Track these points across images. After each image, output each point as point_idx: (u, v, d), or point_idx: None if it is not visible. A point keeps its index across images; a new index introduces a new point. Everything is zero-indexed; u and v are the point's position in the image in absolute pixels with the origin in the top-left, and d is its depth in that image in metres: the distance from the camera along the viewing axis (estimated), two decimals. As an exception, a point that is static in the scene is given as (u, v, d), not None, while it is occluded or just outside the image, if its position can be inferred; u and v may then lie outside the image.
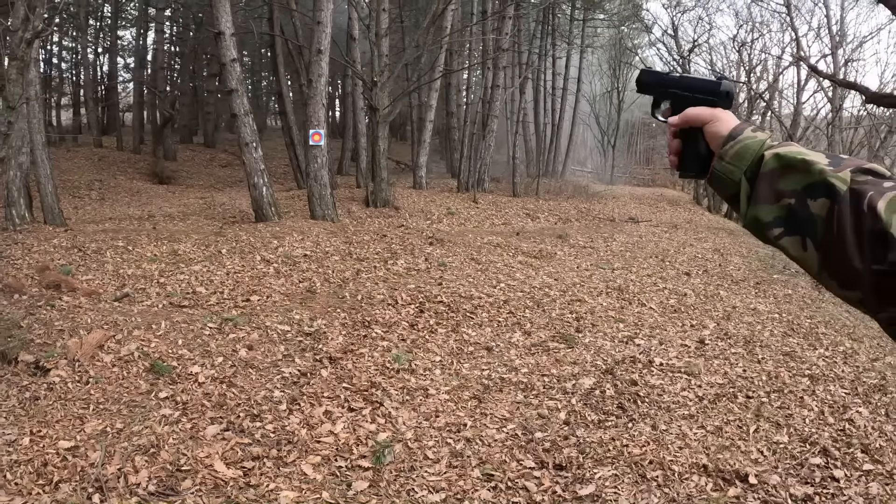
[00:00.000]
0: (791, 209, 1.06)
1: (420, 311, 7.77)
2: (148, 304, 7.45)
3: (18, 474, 4.01)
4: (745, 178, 1.15)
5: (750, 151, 1.16)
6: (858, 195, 0.96)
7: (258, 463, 4.35)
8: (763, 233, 1.11)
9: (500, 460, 4.54)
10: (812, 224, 1.03)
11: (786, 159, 1.10)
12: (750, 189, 1.15)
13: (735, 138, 1.19)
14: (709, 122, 1.24)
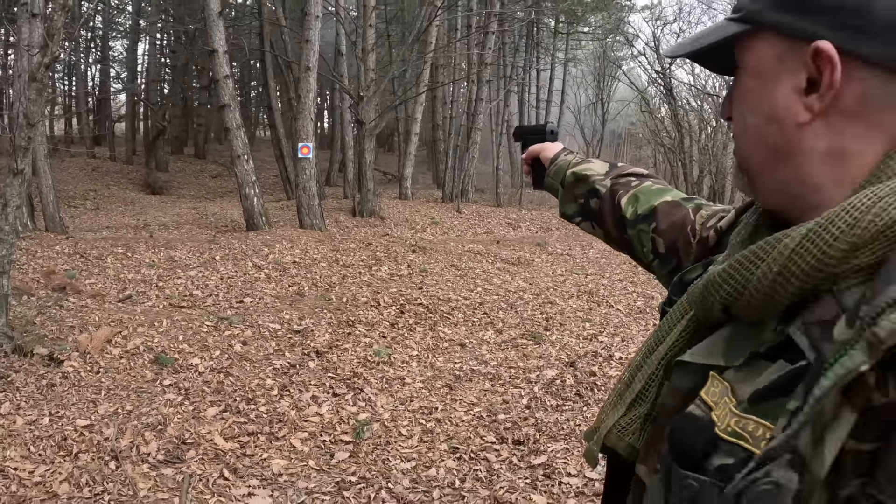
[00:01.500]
0: (582, 206, 1.65)
1: (400, 312, 8.37)
2: (149, 304, 8.03)
3: (41, 447, 4.60)
4: (561, 186, 1.71)
5: (562, 169, 1.70)
6: (613, 194, 1.56)
7: (253, 438, 4.98)
8: (571, 220, 1.72)
9: (466, 436, 5.16)
10: (593, 213, 1.62)
11: (577, 175, 1.65)
12: (564, 192, 1.70)
13: (554, 161, 1.74)
14: (541, 152, 1.82)
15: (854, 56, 0.79)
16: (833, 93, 0.80)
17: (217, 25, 13.07)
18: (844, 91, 0.80)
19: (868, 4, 0.78)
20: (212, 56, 13.34)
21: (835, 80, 0.79)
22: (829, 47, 0.79)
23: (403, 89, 22.53)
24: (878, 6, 0.77)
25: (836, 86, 0.79)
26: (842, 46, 0.78)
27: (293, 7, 27.59)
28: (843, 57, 0.79)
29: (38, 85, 5.88)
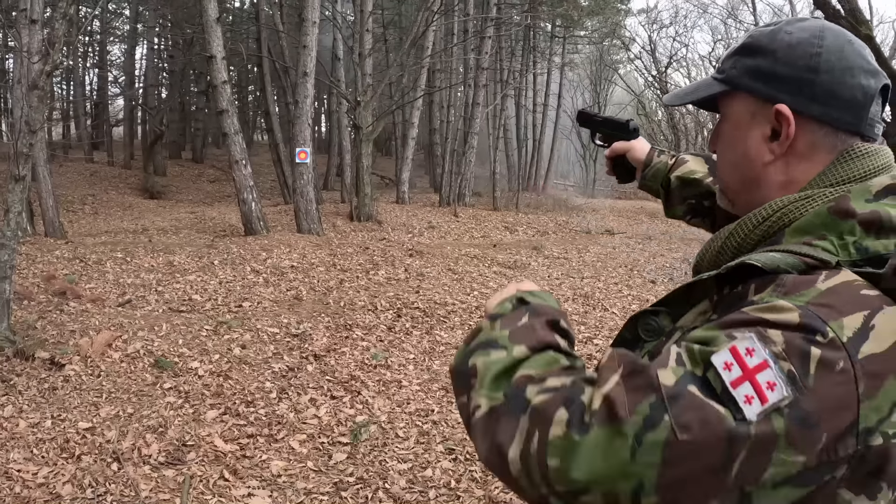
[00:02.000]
0: (693, 206, 1.80)
1: (398, 315, 8.46)
2: (149, 309, 8.11)
3: (44, 449, 4.68)
4: (661, 188, 1.88)
5: (660, 173, 1.87)
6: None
7: (252, 440, 5.07)
8: (679, 219, 1.88)
9: (462, 438, 5.24)
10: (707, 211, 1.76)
11: (683, 179, 1.82)
12: (666, 196, 1.88)
13: (650, 165, 1.90)
14: (628, 151, 1.96)
15: (805, 115, 1.13)
16: (789, 141, 1.14)
17: (215, 31, 13.16)
18: (798, 140, 1.14)
19: (815, 78, 1.12)
20: (210, 62, 13.43)
21: (790, 133, 1.13)
22: (786, 109, 1.13)
23: (401, 94, 22.63)
24: (821, 80, 1.12)
25: (790, 137, 1.14)
26: (796, 108, 1.13)
27: (291, 12, 27.64)
28: (796, 116, 1.13)
29: (39, 92, 5.97)
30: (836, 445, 0.91)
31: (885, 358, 0.93)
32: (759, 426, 0.88)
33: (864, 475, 0.96)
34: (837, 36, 1.15)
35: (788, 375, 0.89)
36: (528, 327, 1.13)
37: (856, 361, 0.91)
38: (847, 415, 0.90)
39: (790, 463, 0.90)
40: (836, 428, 0.90)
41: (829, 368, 0.90)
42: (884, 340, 0.93)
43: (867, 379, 0.91)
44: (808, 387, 0.89)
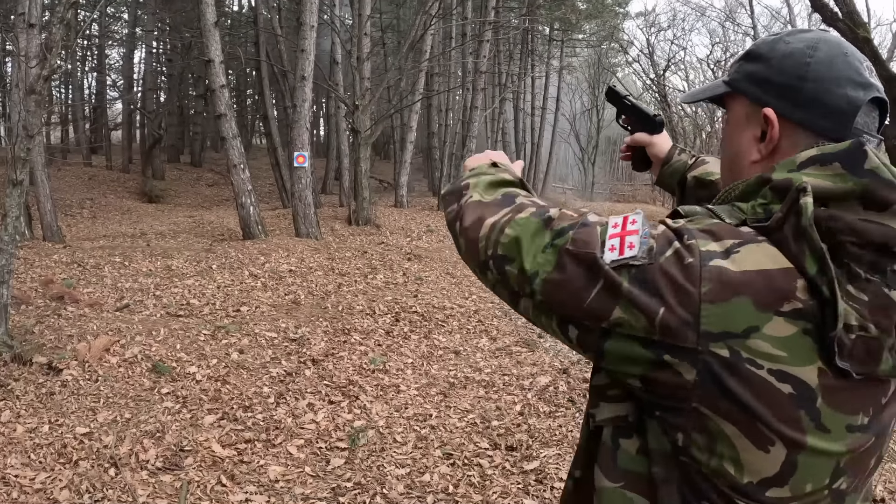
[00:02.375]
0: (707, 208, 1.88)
1: (396, 320, 8.46)
2: (147, 313, 8.11)
3: (42, 455, 4.68)
4: (677, 187, 1.99)
5: (678, 171, 1.98)
6: None
7: (250, 445, 5.06)
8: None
9: (459, 443, 5.25)
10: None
11: (700, 180, 1.92)
12: (681, 195, 1.98)
13: (668, 163, 2.01)
14: (649, 145, 2.06)
15: (790, 119, 1.23)
16: (773, 143, 1.24)
17: (213, 35, 13.16)
18: (782, 142, 1.24)
19: (802, 86, 1.21)
20: (208, 66, 13.43)
21: (774, 135, 1.24)
22: (772, 113, 1.23)
23: (399, 98, 22.62)
24: (808, 88, 1.21)
25: (775, 139, 1.24)
26: (781, 112, 1.23)
27: (289, 16, 27.65)
28: (782, 119, 1.23)
29: (36, 97, 5.97)
30: (674, 327, 1.08)
31: (740, 278, 1.07)
32: (611, 271, 1.11)
33: (714, 393, 1.09)
34: (832, 47, 1.23)
35: (648, 248, 1.11)
36: (509, 170, 1.56)
37: (703, 265, 1.08)
38: (686, 304, 1.07)
39: (633, 316, 1.10)
40: (673, 310, 1.08)
41: (679, 259, 1.10)
42: (741, 263, 1.08)
43: (712, 283, 1.07)
44: (657, 262, 1.10)
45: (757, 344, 1.06)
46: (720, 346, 1.07)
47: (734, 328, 1.07)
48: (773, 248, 1.10)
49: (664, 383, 1.12)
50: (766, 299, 1.07)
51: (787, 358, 1.07)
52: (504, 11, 29.00)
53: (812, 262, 1.07)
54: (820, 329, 1.07)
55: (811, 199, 1.08)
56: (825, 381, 1.08)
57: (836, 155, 1.13)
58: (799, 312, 1.07)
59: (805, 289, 1.08)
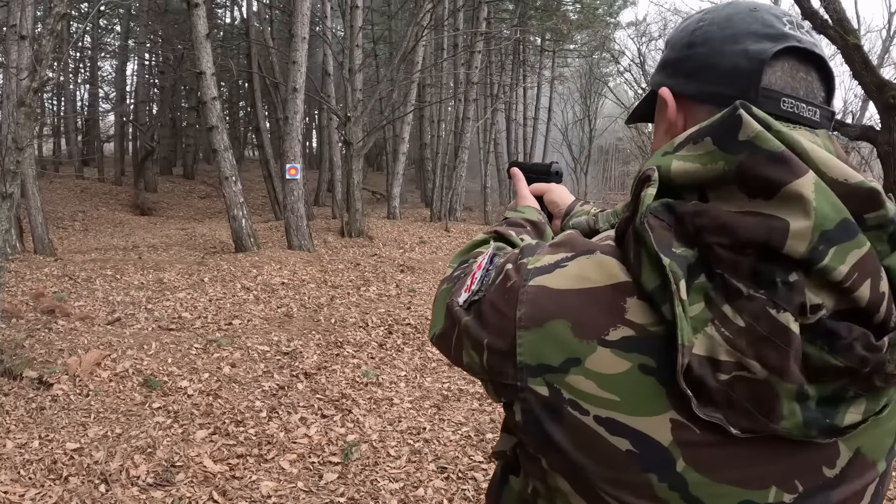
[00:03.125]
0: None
1: (389, 332, 8.43)
2: (138, 327, 8.06)
3: (31, 471, 4.63)
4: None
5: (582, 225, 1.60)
6: None
7: (242, 460, 5.02)
8: None
9: (454, 456, 5.22)
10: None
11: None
12: None
13: (570, 213, 1.67)
14: (544, 194, 1.75)
15: (686, 97, 1.03)
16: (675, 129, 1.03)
17: (204, 48, 13.14)
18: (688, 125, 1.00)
19: (690, 53, 1.02)
20: (199, 78, 13.41)
21: (671, 117, 1.03)
22: (665, 91, 1.04)
23: (391, 109, 22.66)
24: (696, 53, 1.01)
25: (673, 121, 1.03)
26: (675, 90, 1.04)
27: (281, 28, 27.75)
28: (679, 100, 1.03)
29: (27, 109, 5.94)
30: (498, 363, 0.95)
31: (557, 296, 0.90)
32: (459, 311, 1.04)
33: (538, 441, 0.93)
34: (734, 7, 1.01)
35: (489, 279, 1.02)
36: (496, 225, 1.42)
37: (523, 285, 0.94)
38: (502, 332, 0.94)
39: (472, 356, 1.01)
40: (495, 341, 0.95)
41: (504, 281, 0.98)
42: (563, 279, 0.92)
43: (528, 307, 0.92)
44: (489, 291, 1.00)
45: (578, 381, 0.86)
46: (539, 383, 0.90)
47: (551, 360, 0.89)
48: (609, 259, 0.90)
49: (511, 424, 1.00)
50: (588, 324, 0.87)
51: (620, 403, 0.85)
52: (495, 22, 29.06)
53: (650, 274, 0.84)
54: (668, 366, 0.82)
55: (653, 189, 0.87)
56: (685, 436, 0.83)
57: (709, 127, 0.88)
58: (632, 342, 0.85)
59: (643, 310, 0.85)
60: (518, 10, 29.33)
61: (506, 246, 1.13)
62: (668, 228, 0.85)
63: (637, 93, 31.15)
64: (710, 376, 0.80)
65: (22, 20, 11.46)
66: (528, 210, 1.57)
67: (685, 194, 0.89)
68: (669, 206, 0.87)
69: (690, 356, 0.80)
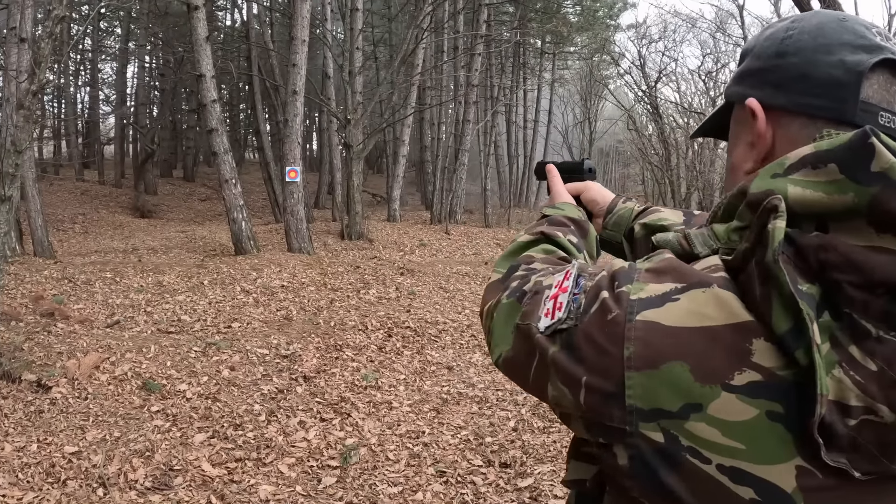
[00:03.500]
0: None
1: (388, 335, 8.41)
2: (137, 330, 8.05)
3: (29, 474, 4.62)
4: (624, 238, 1.56)
5: (624, 219, 1.56)
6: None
7: (240, 464, 5.01)
8: None
9: (453, 460, 5.20)
10: None
11: (651, 227, 1.49)
12: (630, 248, 1.55)
13: (612, 211, 1.59)
14: (581, 193, 1.65)
15: (776, 109, 0.97)
16: (764, 142, 0.98)
17: (204, 50, 13.14)
18: (777, 140, 0.97)
19: (781, 63, 0.97)
20: (199, 81, 13.40)
21: (759, 130, 0.98)
22: (753, 102, 0.98)
23: (391, 111, 22.64)
24: (787, 63, 0.96)
25: (762, 135, 0.98)
26: (764, 101, 0.97)
27: (281, 31, 27.76)
28: (769, 112, 0.97)
29: (25, 112, 5.94)
30: (600, 404, 0.87)
31: (671, 335, 0.83)
32: (542, 340, 0.94)
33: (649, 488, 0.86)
34: (824, 16, 0.99)
35: (577, 305, 0.92)
36: (537, 225, 1.38)
37: (629, 320, 0.85)
38: (606, 372, 0.86)
39: (561, 393, 0.92)
40: (597, 381, 0.87)
41: (604, 314, 0.88)
42: (677, 316, 0.84)
43: (638, 345, 0.84)
44: (582, 321, 0.90)
45: (700, 429, 0.80)
46: (652, 429, 0.83)
47: (668, 405, 0.82)
48: (728, 294, 0.83)
49: (607, 465, 0.92)
50: (709, 367, 0.81)
51: (746, 451, 0.79)
52: (496, 25, 29.10)
53: (782, 316, 0.78)
54: (797, 412, 0.78)
55: (783, 222, 0.80)
56: (808, 482, 0.79)
57: (834, 153, 0.83)
58: (759, 388, 0.79)
59: (772, 353, 0.79)
60: (518, 13, 29.35)
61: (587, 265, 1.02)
62: (789, 262, 0.80)
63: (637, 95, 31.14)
64: (840, 422, 0.77)
65: (21, 23, 11.46)
66: (567, 207, 1.51)
67: (802, 223, 0.84)
68: (788, 237, 0.82)
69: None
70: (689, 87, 34.29)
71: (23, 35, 11.37)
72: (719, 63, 28.98)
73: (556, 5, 32.07)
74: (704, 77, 29.51)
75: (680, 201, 22.10)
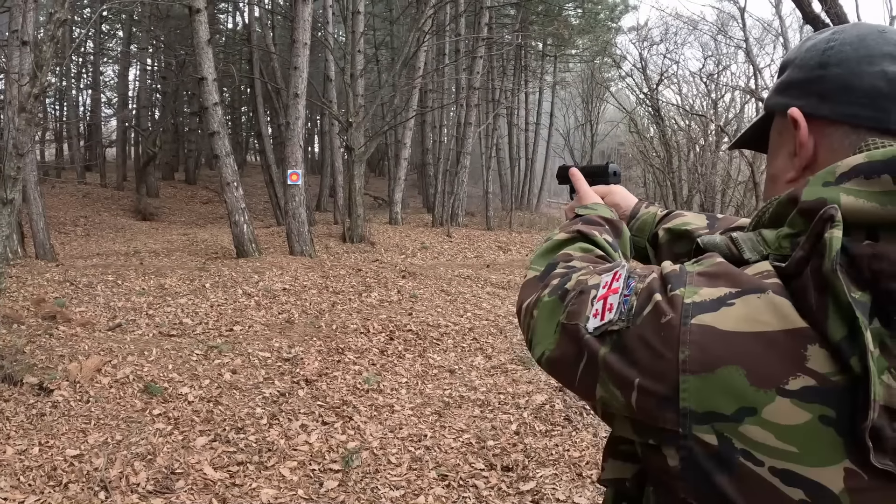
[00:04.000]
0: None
1: (390, 338, 8.40)
2: (139, 333, 8.04)
3: (31, 477, 4.61)
4: (648, 244, 1.60)
5: (647, 224, 1.60)
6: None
7: (242, 467, 5.00)
8: None
9: (455, 464, 5.19)
10: None
11: (675, 231, 1.54)
12: (655, 253, 1.59)
13: (636, 216, 1.63)
14: (606, 196, 1.67)
15: (819, 118, 1.00)
16: (806, 151, 1.01)
17: (206, 53, 13.15)
18: (819, 149, 1.00)
19: (824, 74, 1.00)
20: (201, 83, 13.42)
21: (803, 139, 1.01)
22: (796, 111, 1.01)
23: (393, 114, 22.66)
24: (831, 74, 0.99)
25: (805, 144, 1.01)
26: (807, 111, 1.01)
27: (282, 34, 27.78)
28: (811, 121, 1.01)
29: (27, 115, 5.94)
30: (652, 406, 0.89)
31: (727, 340, 0.85)
32: (591, 341, 0.96)
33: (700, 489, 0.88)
34: (864, 28, 1.02)
35: (629, 307, 0.94)
36: (571, 224, 1.41)
37: (685, 323, 0.87)
38: (661, 375, 0.88)
39: (611, 394, 0.94)
40: (651, 384, 0.89)
41: (657, 316, 0.90)
42: (733, 320, 0.85)
43: (694, 349, 0.86)
44: (635, 324, 0.92)
45: (754, 432, 0.83)
46: (706, 431, 0.85)
47: (722, 408, 0.84)
48: (783, 301, 0.84)
49: (654, 465, 0.95)
50: (764, 372, 0.82)
51: (799, 454, 0.81)
52: (497, 28, 29.12)
53: (837, 323, 0.80)
54: (847, 416, 0.80)
55: (839, 231, 0.82)
56: (855, 483, 0.81)
57: (887, 164, 0.85)
58: (813, 392, 0.81)
59: (826, 359, 0.81)
60: (520, 16, 29.34)
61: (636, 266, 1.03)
62: (843, 271, 0.82)
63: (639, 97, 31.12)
64: (888, 426, 0.79)
65: (23, 26, 11.46)
66: (599, 207, 1.53)
67: (853, 232, 0.86)
68: (842, 246, 0.84)
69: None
70: (691, 89, 34.32)
71: (24, 38, 11.37)
72: (721, 65, 28.98)
73: (557, 8, 32.07)
74: (706, 79, 29.51)
75: (681, 204, 22.12)
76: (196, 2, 13.06)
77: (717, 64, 28.44)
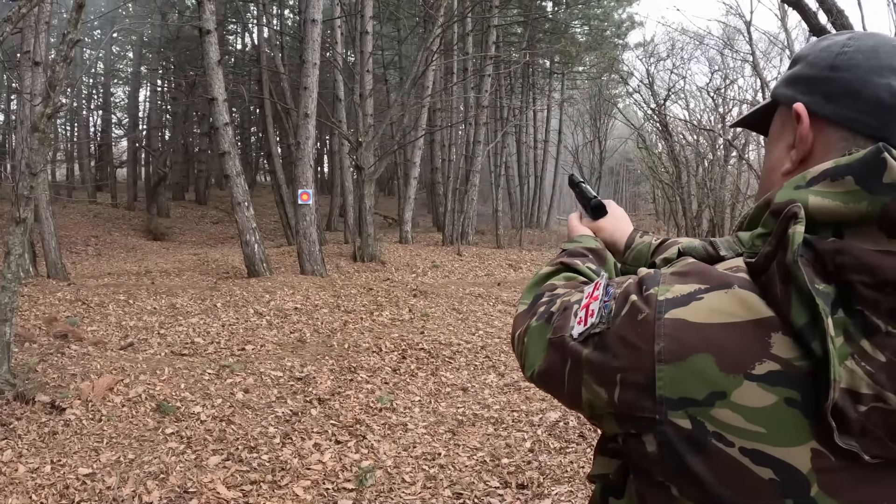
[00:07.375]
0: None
1: (402, 357, 8.38)
2: (151, 352, 8.04)
3: (43, 496, 4.59)
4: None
5: (643, 254, 1.62)
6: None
7: (255, 486, 4.97)
8: None
9: (469, 482, 5.15)
10: None
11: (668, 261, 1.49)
12: None
13: (631, 247, 1.66)
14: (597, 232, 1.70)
15: (821, 117, 1.04)
16: (805, 145, 1.06)
17: (216, 74, 13.21)
18: (815, 146, 1.05)
19: (833, 76, 1.04)
20: (211, 104, 13.47)
21: (803, 133, 1.05)
22: (800, 106, 1.05)
23: (402, 133, 22.71)
24: (840, 77, 1.03)
25: (805, 137, 1.05)
26: (811, 108, 1.05)
27: (292, 54, 27.88)
28: (813, 118, 1.05)
29: (40, 135, 5.95)
30: (632, 398, 0.95)
31: (698, 330, 0.91)
32: (575, 345, 1.03)
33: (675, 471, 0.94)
34: (879, 38, 1.06)
35: (609, 311, 1.01)
36: (557, 258, 1.48)
37: (658, 318, 0.94)
38: (639, 367, 0.94)
39: (596, 392, 1.01)
40: (631, 375, 0.95)
41: (633, 315, 0.97)
42: (703, 313, 0.92)
43: (668, 341, 0.92)
44: (614, 324, 0.99)
45: (724, 415, 0.89)
46: (680, 416, 0.91)
47: (695, 394, 0.90)
48: (749, 294, 0.92)
49: (635, 453, 0.99)
50: (733, 358, 0.89)
51: (766, 434, 0.88)
52: (504, 46, 29.20)
53: (799, 311, 0.87)
54: (812, 399, 0.86)
55: (802, 227, 0.89)
56: (822, 463, 0.87)
57: (850, 167, 0.92)
58: (778, 376, 0.87)
59: (789, 345, 0.88)
60: (527, 34, 29.47)
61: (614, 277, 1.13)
62: (808, 265, 0.89)
63: (646, 113, 31.12)
64: (851, 408, 0.85)
65: (35, 47, 11.54)
66: (584, 238, 1.62)
67: (820, 230, 0.93)
68: (808, 242, 0.91)
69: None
70: (698, 104, 34.27)
71: (37, 59, 11.45)
72: (728, 79, 28.96)
73: (564, 25, 32.15)
74: (713, 94, 29.46)
75: (691, 219, 22.04)
76: (206, 23, 13.13)
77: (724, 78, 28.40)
